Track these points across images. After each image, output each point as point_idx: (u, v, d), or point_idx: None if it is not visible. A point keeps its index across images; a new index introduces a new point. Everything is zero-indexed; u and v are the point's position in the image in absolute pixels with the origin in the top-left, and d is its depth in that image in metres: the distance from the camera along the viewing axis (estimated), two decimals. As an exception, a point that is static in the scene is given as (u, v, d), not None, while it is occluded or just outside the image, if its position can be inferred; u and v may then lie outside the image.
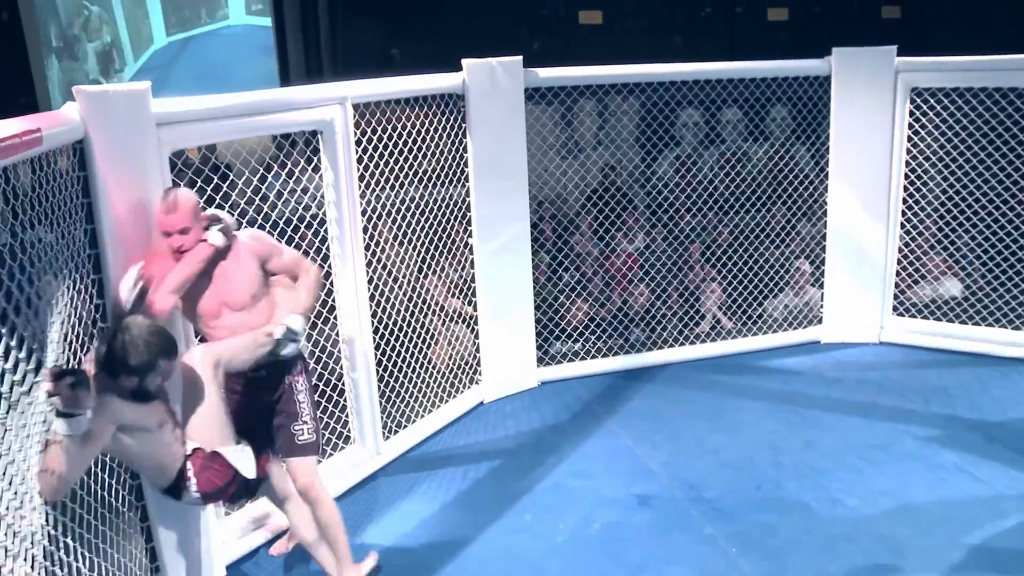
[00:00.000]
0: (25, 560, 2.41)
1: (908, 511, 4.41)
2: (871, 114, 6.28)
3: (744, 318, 6.84)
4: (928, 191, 6.37)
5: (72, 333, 3.10)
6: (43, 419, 2.69)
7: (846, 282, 6.53)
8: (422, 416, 5.45)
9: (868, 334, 6.47)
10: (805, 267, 6.84)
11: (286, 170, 4.48)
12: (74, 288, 3.15)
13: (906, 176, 6.35)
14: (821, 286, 6.76)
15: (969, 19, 8.61)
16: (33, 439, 2.62)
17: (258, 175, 4.36)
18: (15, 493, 2.41)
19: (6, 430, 2.36)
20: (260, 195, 4.34)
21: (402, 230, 5.21)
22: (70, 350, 3.07)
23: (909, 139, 6.30)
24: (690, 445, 5.20)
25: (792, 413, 5.59)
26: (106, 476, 3.29)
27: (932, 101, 6.20)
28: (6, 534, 2.29)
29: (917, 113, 6.25)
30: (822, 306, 6.80)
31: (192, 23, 8.78)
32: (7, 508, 2.37)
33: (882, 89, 6.23)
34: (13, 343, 2.44)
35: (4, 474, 2.35)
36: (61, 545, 2.75)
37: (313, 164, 4.56)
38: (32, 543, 2.50)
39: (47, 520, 2.67)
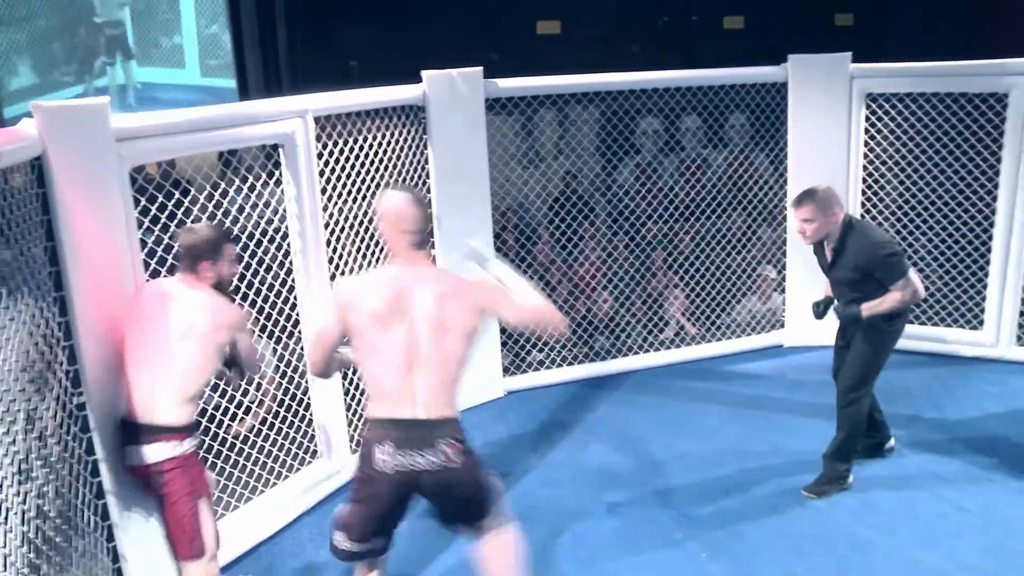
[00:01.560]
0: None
1: (873, 511, 4.47)
2: (827, 119, 6.38)
3: (708, 324, 6.90)
4: (885, 194, 6.47)
5: (35, 350, 3.06)
6: None
7: (807, 286, 6.60)
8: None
9: (830, 337, 6.53)
10: (770, 273, 6.91)
11: (247, 184, 4.44)
12: (35, 305, 3.11)
13: (863, 180, 6.45)
14: (783, 291, 6.83)
15: (921, 26, 8.76)
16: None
17: (219, 189, 4.33)
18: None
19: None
20: (222, 210, 4.31)
21: (364, 242, 5.19)
22: (33, 368, 3.03)
23: (865, 143, 6.40)
24: (657, 452, 5.23)
25: (757, 417, 5.64)
26: (70, 495, 3.25)
27: (887, 106, 6.30)
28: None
29: (872, 118, 6.35)
30: (784, 311, 6.87)
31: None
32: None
33: (838, 95, 6.33)
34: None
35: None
36: (30, 566, 2.70)
37: (276, 178, 4.53)
38: (4, 565, 2.46)
39: (15, 539, 2.62)
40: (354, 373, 5.12)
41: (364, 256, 5.19)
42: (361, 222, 5.15)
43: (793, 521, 4.42)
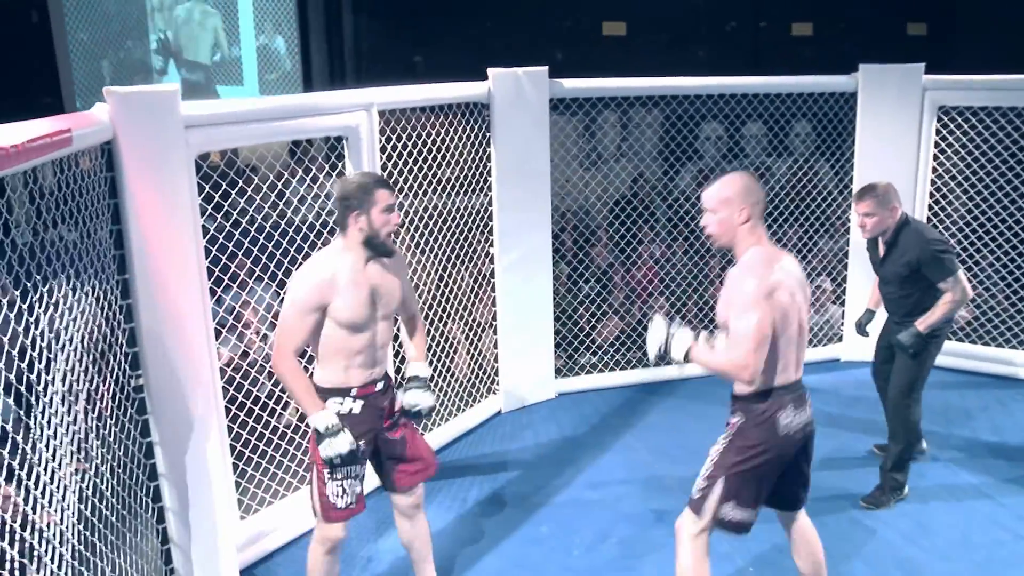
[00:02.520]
0: (52, 559, 2.41)
1: (928, 534, 4.37)
2: (897, 132, 6.25)
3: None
4: (953, 210, 6.33)
5: (98, 331, 3.11)
6: (60, 417, 2.68)
7: (866, 300, 6.49)
8: (439, 424, 5.44)
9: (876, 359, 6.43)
10: (826, 285, 6.80)
11: (310, 175, 4.46)
12: (99, 287, 3.16)
13: (931, 195, 6.31)
14: (842, 304, 6.72)
15: (996, 37, 8.56)
16: (56, 436, 2.61)
17: (283, 180, 4.36)
18: (42, 491, 2.41)
19: (28, 429, 2.36)
20: (284, 200, 4.34)
21: (424, 237, 5.20)
22: (96, 349, 3.07)
23: (935, 157, 6.26)
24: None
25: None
26: (125, 476, 3.29)
27: (959, 120, 6.16)
28: (32, 533, 2.28)
29: (944, 132, 6.21)
30: (843, 324, 6.75)
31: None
32: (35, 506, 2.36)
33: (909, 107, 6.20)
34: (30, 344, 2.43)
35: (32, 473, 2.34)
36: (84, 542, 2.74)
37: (338, 170, 4.55)
38: (61, 541, 2.49)
39: (70, 517, 2.66)
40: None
41: (422, 251, 5.20)
42: (421, 217, 5.16)
43: (844, 539, 4.34)
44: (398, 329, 4.05)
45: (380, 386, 3.49)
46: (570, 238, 6.54)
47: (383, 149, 4.73)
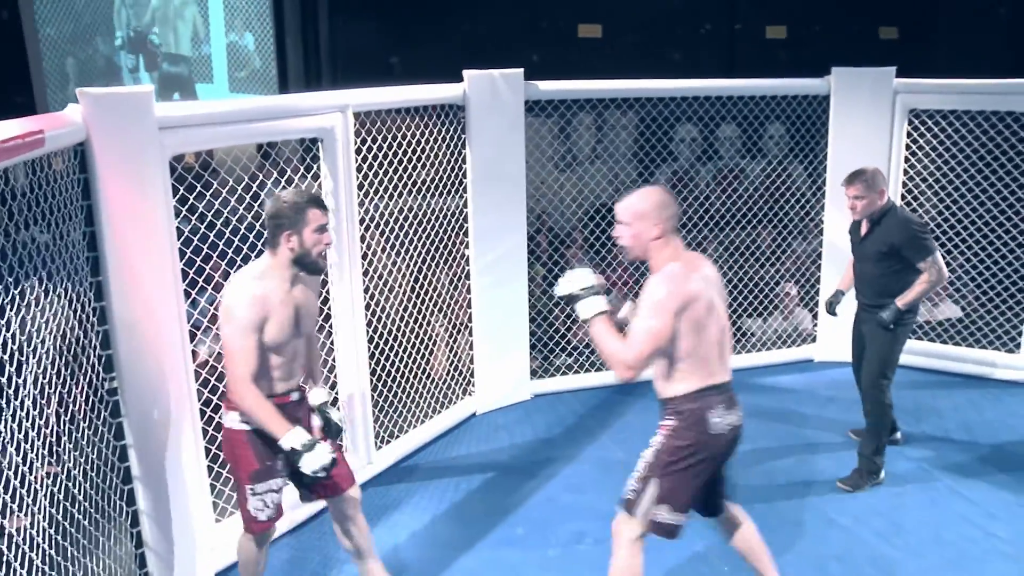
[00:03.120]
0: (22, 564, 2.39)
1: (901, 532, 4.42)
2: (869, 134, 6.31)
3: (737, 335, 6.85)
4: (924, 212, 6.40)
5: (71, 333, 3.09)
6: (30, 419, 2.67)
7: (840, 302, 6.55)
8: (414, 426, 5.43)
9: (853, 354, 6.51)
10: (792, 290, 6.86)
11: (285, 177, 4.45)
12: (72, 289, 3.14)
13: (903, 197, 6.37)
14: (815, 305, 6.77)
15: (968, 41, 8.66)
16: (27, 439, 2.60)
17: (257, 181, 4.35)
18: (12, 495, 2.39)
19: (0, 433, 2.34)
20: (259, 201, 4.32)
21: (399, 239, 5.20)
22: (69, 351, 3.05)
23: (906, 160, 6.33)
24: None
25: (785, 431, 5.59)
26: (98, 479, 3.27)
27: (930, 123, 6.23)
28: (1, 538, 2.27)
29: (915, 135, 6.28)
30: (815, 324, 6.81)
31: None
32: (4, 510, 2.35)
33: (881, 110, 6.26)
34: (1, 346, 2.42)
35: (1, 476, 2.33)
36: (54, 546, 2.73)
37: (312, 172, 4.54)
38: (31, 545, 2.48)
39: (41, 521, 2.64)
40: (382, 370, 5.13)
41: (397, 253, 5.20)
42: (396, 219, 5.16)
43: (818, 538, 4.38)
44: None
45: (295, 396, 3.49)
46: (545, 239, 6.55)
47: (358, 151, 4.72)
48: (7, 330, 2.45)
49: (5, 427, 2.40)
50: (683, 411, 3.28)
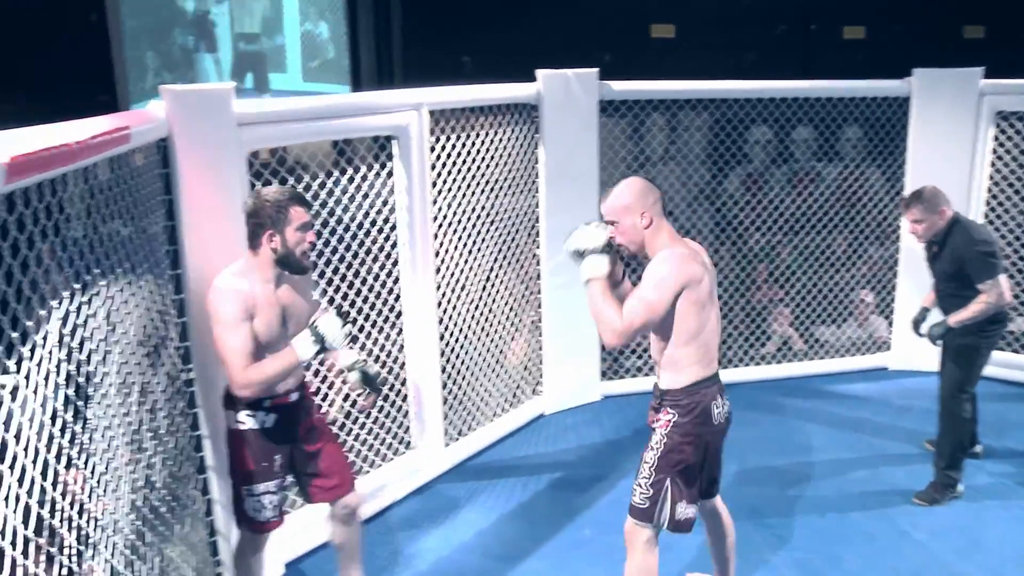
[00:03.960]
0: (106, 547, 2.44)
1: (979, 549, 4.28)
2: (952, 137, 6.14)
3: (810, 341, 6.74)
4: (1010, 218, 6.21)
5: (151, 325, 3.15)
6: (114, 408, 2.72)
7: (916, 307, 6.40)
8: (483, 425, 5.44)
9: (938, 363, 6.35)
10: (868, 297, 6.72)
11: (360, 174, 4.49)
12: (152, 282, 3.20)
13: (987, 203, 6.20)
14: (891, 312, 6.62)
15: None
16: (111, 427, 2.65)
17: (332, 177, 4.39)
18: (98, 480, 2.45)
19: (86, 420, 2.39)
20: (333, 197, 4.37)
21: (471, 237, 5.21)
22: (149, 342, 3.11)
23: (992, 164, 6.15)
24: (754, 468, 5.11)
25: (859, 441, 5.48)
26: (175, 468, 3.33)
27: (1019, 126, 6.04)
28: (88, 521, 2.32)
29: (1002, 138, 6.10)
30: (890, 333, 6.66)
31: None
32: (91, 495, 2.40)
33: (965, 112, 6.09)
34: (88, 335, 2.47)
35: (87, 464, 2.38)
36: (135, 532, 2.78)
37: (388, 169, 4.58)
38: (115, 530, 2.53)
39: (122, 507, 2.70)
40: (452, 367, 5.15)
41: (469, 251, 5.21)
42: (469, 217, 5.17)
43: (892, 552, 4.27)
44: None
45: (295, 396, 3.41)
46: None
47: (432, 149, 4.74)
48: (94, 320, 2.51)
49: (92, 413, 2.45)
50: (685, 404, 3.26)
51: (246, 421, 3.31)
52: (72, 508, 2.22)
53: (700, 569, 4.02)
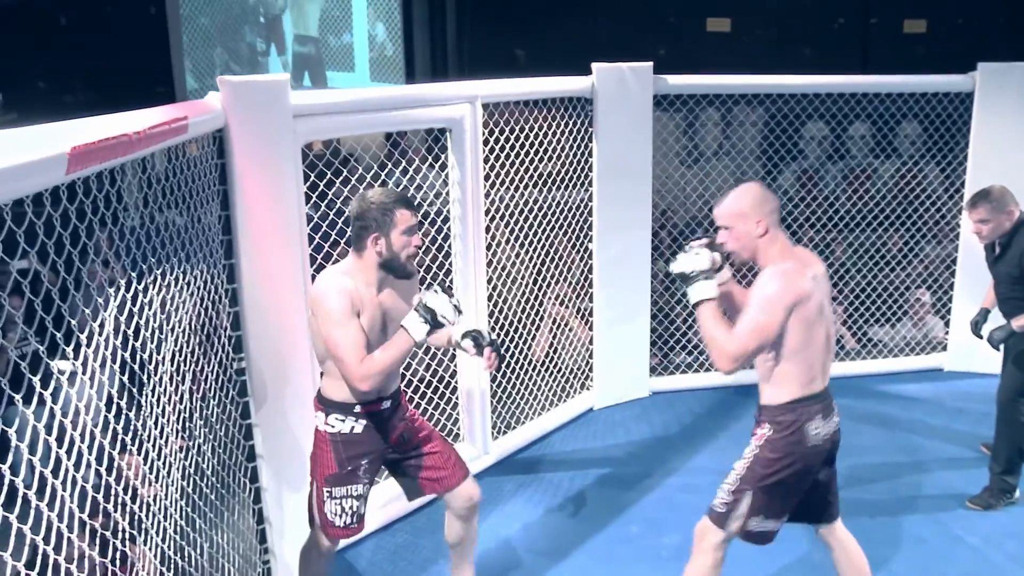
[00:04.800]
0: (157, 532, 2.48)
1: (1036, 556, 4.19)
2: (1017, 134, 5.99)
3: (864, 340, 6.64)
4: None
5: (204, 313, 3.19)
6: (166, 392, 2.76)
7: (974, 308, 6.26)
8: (531, 419, 5.44)
9: (995, 365, 6.20)
10: (925, 297, 6.60)
11: (413, 166, 4.51)
12: (207, 271, 3.24)
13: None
14: (948, 312, 6.50)
15: None
16: (163, 414, 2.70)
17: (385, 170, 4.42)
18: (150, 465, 2.49)
19: (139, 406, 2.44)
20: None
21: (523, 231, 5.21)
22: (202, 331, 3.16)
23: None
24: (803, 468, 5.05)
25: (912, 443, 5.38)
26: (225, 455, 3.38)
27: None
28: (140, 505, 2.36)
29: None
30: (947, 333, 6.54)
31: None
32: (144, 481, 2.44)
33: (1031, 107, 5.94)
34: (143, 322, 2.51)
35: (140, 450, 2.42)
36: (185, 518, 2.82)
37: (440, 161, 4.59)
38: (165, 515, 2.57)
39: (173, 493, 2.74)
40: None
41: (521, 245, 5.21)
42: (521, 211, 5.16)
43: (943, 558, 4.19)
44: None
45: (387, 404, 3.32)
46: (669, 236, 6.47)
47: (485, 142, 4.75)
48: (149, 308, 2.55)
49: (146, 400, 2.50)
50: (780, 421, 3.17)
51: (335, 424, 3.24)
52: (125, 493, 2.26)
53: None
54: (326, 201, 4.14)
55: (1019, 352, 4.48)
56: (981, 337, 4.75)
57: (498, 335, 5.15)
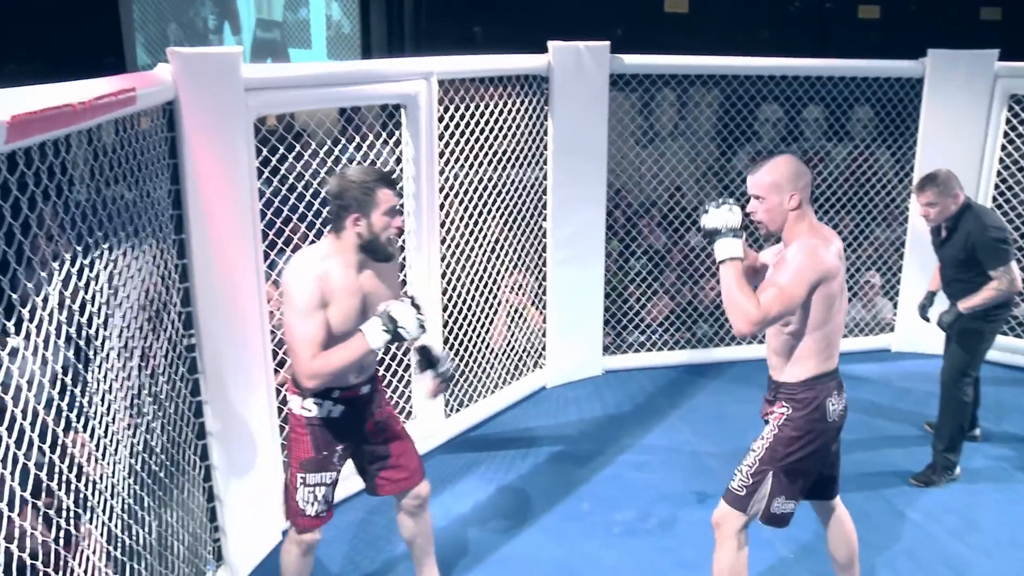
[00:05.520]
0: (104, 511, 2.45)
1: (974, 531, 4.30)
2: (964, 120, 6.09)
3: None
4: (1019, 202, 6.17)
5: (153, 289, 3.15)
6: (114, 371, 2.73)
7: (921, 290, 6.37)
8: (484, 396, 5.45)
9: (941, 346, 6.33)
10: (875, 279, 6.70)
11: (367, 142, 4.47)
12: (156, 246, 3.19)
13: (996, 187, 6.16)
14: (896, 294, 6.61)
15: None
16: (111, 391, 2.66)
17: (339, 145, 4.38)
18: (97, 443, 2.46)
19: (85, 383, 2.40)
20: (340, 165, 4.35)
21: (477, 209, 5.19)
22: (151, 307, 3.11)
23: (1003, 147, 6.11)
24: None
25: (859, 422, 5.46)
26: (174, 433, 3.34)
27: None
28: (86, 484, 2.33)
29: (1015, 121, 6.05)
30: (895, 314, 6.65)
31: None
32: (90, 459, 2.41)
33: (979, 95, 6.04)
34: (88, 298, 2.47)
35: (87, 427, 2.39)
36: (133, 496, 2.79)
37: (395, 138, 4.55)
38: (113, 494, 2.54)
39: (121, 471, 2.71)
40: (455, 338, 5.15)
41: (475, 222, 5.19)
42: (476, 188, 5.15)
43: (888, 532, 4.29)
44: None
45: (365, 390, 3.26)
46: (623, 215, 6.49)
47: (440, 119, 4.72)
48: (96, 283, 2.50)
49: (92, 377, 2.46)
50: (801, 399, 3.17)
51: (312, 408, 3.16)
52: (71, 471, 2.22)
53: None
54: (279, 176, 4.10)
55: (961, 332, 4.58)
56: (928, 320, 4.84)
57: (452, 314, 5.14)
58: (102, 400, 2.52)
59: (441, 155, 4.78)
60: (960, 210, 4.50)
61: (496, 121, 5.18)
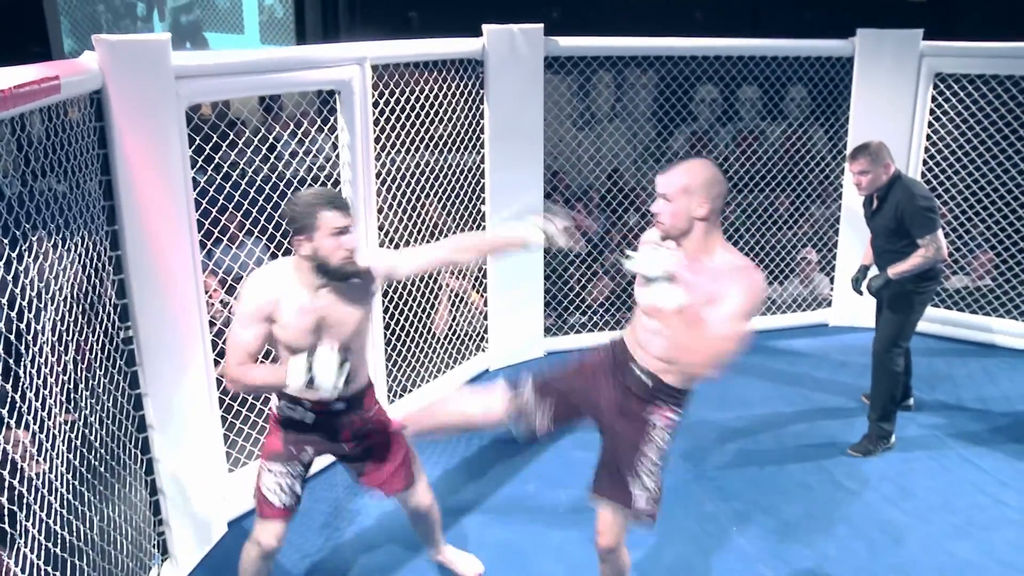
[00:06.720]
0: (42, 507, 2.42)
1: (909, 497, 4.43)
2: (893, 98, 6.23)
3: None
4: (946, 178, 6.33)
5: (87, 282, 3.10)
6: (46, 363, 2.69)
7: (857, 265, 6.52)
8: (428, 381, 5.45)
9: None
10: (811, 256, 6.82)
11: (302, 130, 4.43)
12: (88, 238, 3.14)
13: (924, 163, 6.31)
14: (832, 269, 6.74)
15: (997, 5, 8.50)
16: (45, 386, 2.62)
17: (273, 133, 4.33)
18: (31, 439, 2.42)
19: (18, 378, 2.36)
20: (275, 153, 4.31)
21: (415, 194, 5.18)
22: (85, 300, 3.07)
23: (930, 125, 6.25)
24: (694, 423, 5.17)
25: (798, 395, 5.59)
26: (114, 427, 3.30)
27: (956, 87, 6.14)
28: (20, 481, 2.29)
29: (940, 99, 6.19)
30: (832, 290, 6.78)
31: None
32: (25, 456, 2.37)
33: (906, 73, 6.17)
34: (18, 291, 2.43)
35: (21, 423, 2.35)
36: (73, 492, 2.76)
37: (329, 125, 4.52)
38: (50, 489, 2.51)
39: (59, 467, 2.67)
40: (396, 324, 5.14)
41: (413, 208, 5.18)
42: (413, 174, 5.13)
43: (826, 501, 4.39)
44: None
45: (340, 407, 3.24)
46: (561, 198, 6.52)
47: (375, 104, 4.69)
48: (25, 277, 2.46)
49: (24, 373, 2.42)
50: (683, 404, 3.11)
51: (285, 411, 3.24)
52: (4, 468, 2.19)
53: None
54: (213, 165, 4.05)
55: (891, 300, 4.71)
56: (862, 293, 4.94)
57: (392, 300, 5.13)
58: (36, 396, 2.48)
59: (377, 141, 4.75)
60: (890, 180, 4.62)
61: (432, 106, 5.17)
